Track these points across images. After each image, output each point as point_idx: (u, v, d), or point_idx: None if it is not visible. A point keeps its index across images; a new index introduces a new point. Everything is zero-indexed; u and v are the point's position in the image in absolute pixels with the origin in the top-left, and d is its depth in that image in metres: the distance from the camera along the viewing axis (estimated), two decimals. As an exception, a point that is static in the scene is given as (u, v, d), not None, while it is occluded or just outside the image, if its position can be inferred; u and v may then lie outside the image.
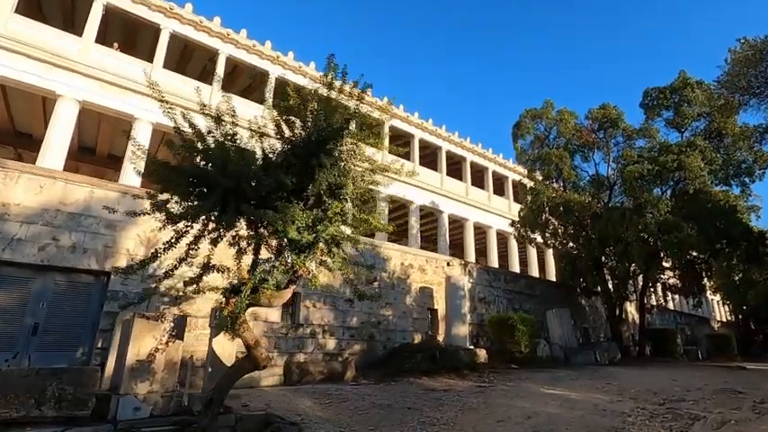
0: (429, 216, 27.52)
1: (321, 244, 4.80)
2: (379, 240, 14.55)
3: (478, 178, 29.81)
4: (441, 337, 14.23)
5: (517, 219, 20.08)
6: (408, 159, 25.30)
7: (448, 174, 27.33)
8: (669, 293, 20.24)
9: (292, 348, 11.09)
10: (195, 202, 4.82)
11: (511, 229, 21.55)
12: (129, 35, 17.69)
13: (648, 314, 20.56)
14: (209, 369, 6.34)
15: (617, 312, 19.00)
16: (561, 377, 11.52)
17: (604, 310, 22.23)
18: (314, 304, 11.83)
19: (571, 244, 18.58)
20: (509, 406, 7.99)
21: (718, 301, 49.26)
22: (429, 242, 27.61)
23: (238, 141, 5.28)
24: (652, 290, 19.62)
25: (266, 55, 19.29)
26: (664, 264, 17.82)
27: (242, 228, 5.30)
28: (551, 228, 19.30)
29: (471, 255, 25.40)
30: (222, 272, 5.45)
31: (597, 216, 16.32)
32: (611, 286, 18.76)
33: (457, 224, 28.05)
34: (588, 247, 17.13)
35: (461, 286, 13.86)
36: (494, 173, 30.18)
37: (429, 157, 27.67)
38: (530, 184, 19.56)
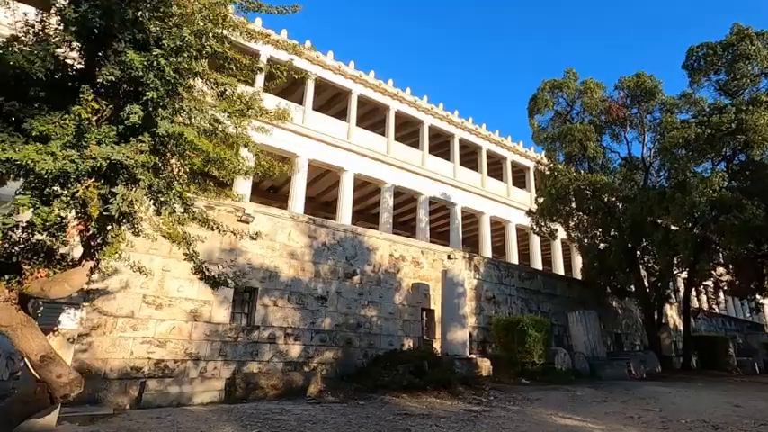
0: (441, 210, 24.99)
1: (89, 178, 2.54)
2: (366, 229, 12.20)
3: (496, 170, 27.07)
4: (438, 344, 11.75)
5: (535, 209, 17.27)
6: (417, 148, 22.98)
7: (461, 164, 24.75)
8: (721, 294, 16.86)
9: (243, 356, 8.89)
10: None
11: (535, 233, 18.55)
12: None
13: (694, 318, 17.23)
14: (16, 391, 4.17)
15: (655, 316, 15.83)
16: (583, 399, 8.80)
17: (639, 314, 19.05)
18: (275, 302, 9.60)
19: (599, 235, 15.60)
20: (500, 448, 5.49)
21: (769, 306, 44.18)
22: (440, 238, 25.04)
23: None
24: (700, 289, 16.22)
25: None
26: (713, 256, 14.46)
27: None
28: (576, 218, 16.41)
29: (487, 251, 22.65)
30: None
31: (630, 200, 13.38)
32: (647, 285, 15.64)
33: (472, 219, 25.38)
34: (619, 238, 14.14)
35: (460, 282, 11.32)
36: (513, 163, 27.32)
37: (441, 146, 25.18)
38: (547, 169, 16.64)
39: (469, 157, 26.26)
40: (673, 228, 12.96)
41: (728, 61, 12.72)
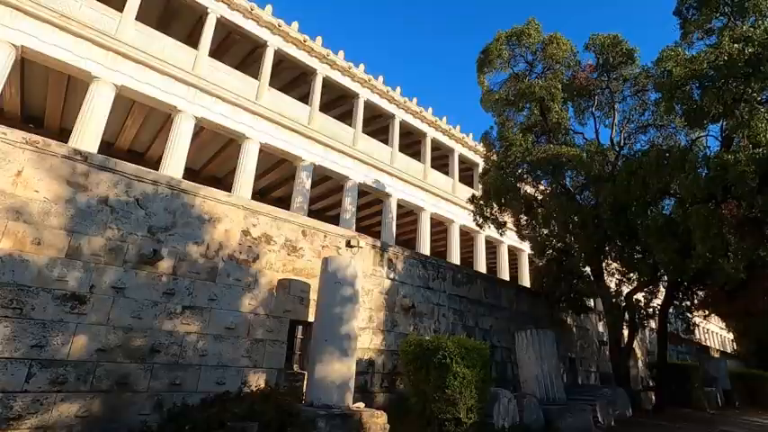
0: (374, 205, 20.51)
1: None
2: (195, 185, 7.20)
3: (443, 165, 23.07)
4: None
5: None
6: (351, 126, 18.41)
7: (403, 152, 20.45)
8: (703, 312, 13.27)
9: None
10: None
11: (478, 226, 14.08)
12: None
13: (671, 342, 13.48)
14: None
15: (624, 340, 11.84)
16: None
17: (596, 333, 15.23)
18: (-60, 300, 4.44)
19: (557, 232, 11.53)
20: None
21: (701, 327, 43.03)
22: (371, 234, 20.41)
23: None
24: (688, 302, 12.36)
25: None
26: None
27: None
28: (529, 216, 12.35)
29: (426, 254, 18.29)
30: None
31: (604, 179, 9.37)
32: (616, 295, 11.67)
33: (411, 216, 21.07)
34: (583, 235, 10.03)
35: (349, 279, 6.57)
36: (461, 157, 23.39)
37: (381, 132, 20.77)
38: (496, 140, 12.39)
39: (413, 148, 22.06)
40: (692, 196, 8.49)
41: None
